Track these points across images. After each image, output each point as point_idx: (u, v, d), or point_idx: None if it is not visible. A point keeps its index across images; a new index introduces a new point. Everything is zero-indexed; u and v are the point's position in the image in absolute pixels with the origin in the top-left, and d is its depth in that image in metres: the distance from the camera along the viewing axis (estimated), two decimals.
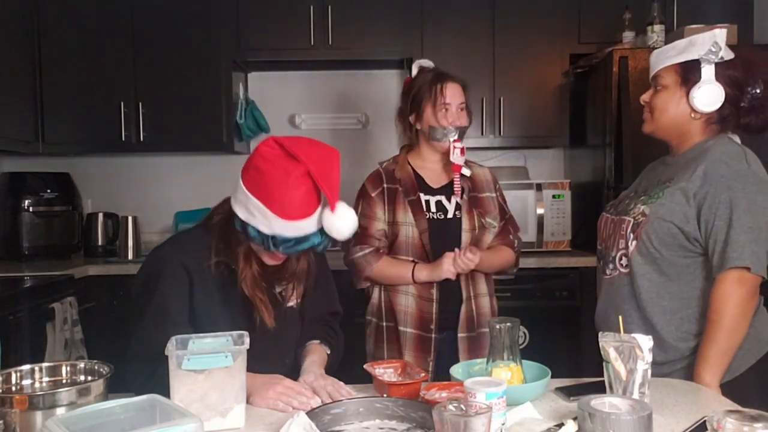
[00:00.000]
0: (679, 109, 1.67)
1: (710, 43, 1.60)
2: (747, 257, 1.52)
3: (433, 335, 2.03)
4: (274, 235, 1.36)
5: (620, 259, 1.71)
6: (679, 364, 1.63)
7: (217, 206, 1.56)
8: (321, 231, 1.38)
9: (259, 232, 1.38)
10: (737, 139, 1.70)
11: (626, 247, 1.68)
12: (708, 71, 1.61)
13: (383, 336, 2.08)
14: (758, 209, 1.55)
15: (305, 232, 1.37)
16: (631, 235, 1.67)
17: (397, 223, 2.04)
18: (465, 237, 2.05)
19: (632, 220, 1.68)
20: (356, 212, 2.05)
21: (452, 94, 2.03)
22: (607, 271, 1.76)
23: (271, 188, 1.34)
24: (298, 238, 1.37)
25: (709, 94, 1.62)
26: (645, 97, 1.75)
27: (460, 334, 2.05)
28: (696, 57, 1.62)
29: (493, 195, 2.15)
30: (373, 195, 2.07)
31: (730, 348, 1.54)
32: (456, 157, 2.02)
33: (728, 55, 1.63)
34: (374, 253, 2.03)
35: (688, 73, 1.64)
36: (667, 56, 1.69)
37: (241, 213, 1.40)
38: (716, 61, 1.61)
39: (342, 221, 1.37)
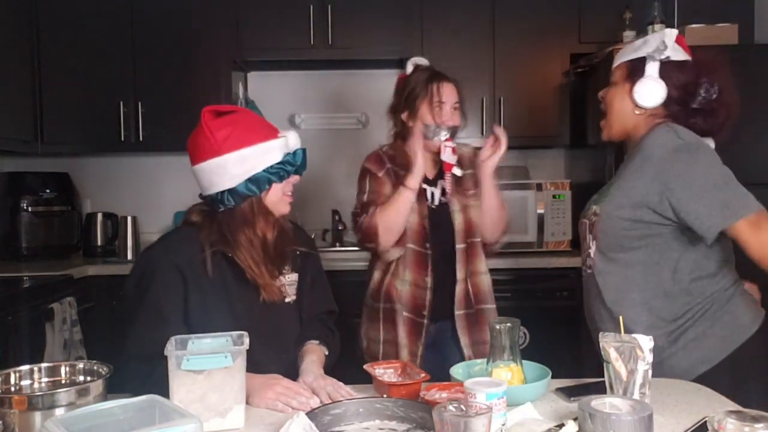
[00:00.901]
0: (623, 103, 1.71)
1: (658, 41, 1.63)
2: (740, 208, 1.51)
3: (425, 321, 2.04)
4: (267, 167, 1.44)
5: (587, 259, 1.74)
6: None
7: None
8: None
9: (251, 177, 1.44)
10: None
11: (591, 248, 1.71)
12: (652, 68, 1.65)
13: (379, 316, 2.07)
14: (711, 168, 1.56)
15: (283, 150, 1.47)
16: (590, 236, 1.70)
17: None
18: (457, 218, 2.07)
19: (588, 221, 1.72)
20: (362, 192, 2.05)
21: (448, 93, 2.05)
22: (583, 272, 1.79)
23: (237, 133, 1.44)
24: (286, 161, 1.47)
25: (648, 90, 1.64)
26: (601, 92, 1.80)
27: (457, 312, 2.06)
28: (644, 54, 1.66)
29: (473, 172, 2.14)
30: (380, 175, 2.06)
31: None
32: (447, 156, 2.03)
33: (676, 55, 1.65)
34: (374, 209, 1.99)
35: (634, 69, 1.68)
36: (623, 54, 1.74)
37: (227, 183, 1.44)
38: (660, 59, 1.63)
39: (290, 134, 1.51)
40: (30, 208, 3.38)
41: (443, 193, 2.10)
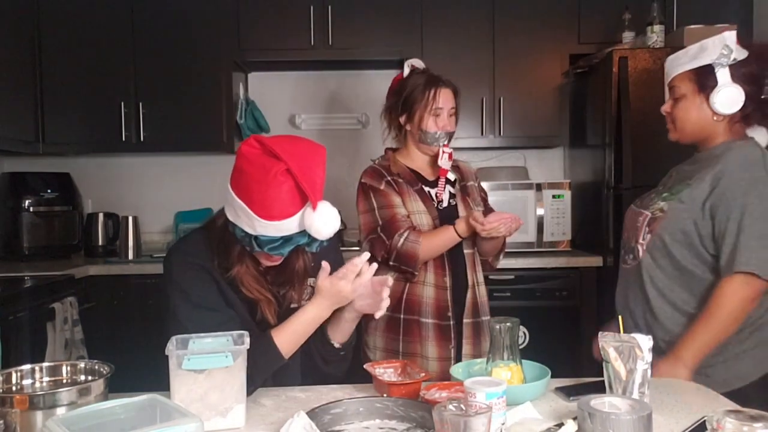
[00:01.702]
0: (701, 114, 1.69)
1: (721, 46, 1.61)
2: (755, 263, 1.53)
3: (451, 323, 2.04)
4: (257, 235, 1.35)
5: (634, 250, 1.74)
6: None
7: (222, 208, 1.56)
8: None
9: (244, 232, 1.37)
10: (764, 139, 1.71)
11: (641, 240, 1.72)
12: (723, 74, 1.63)
13: (399, 328, 2.06)
14: None
15: (288, 232, 1.34)
16: (646, 229, 1.71)
17: (409, 213, 2.04)
18: None
19: (650, 214, 1.72)
20: (368, 210, 2.04)
21: (445, 99, 2.06)
22: (628, 261, 1.79)
23: (251, 188, 1.31)
24: (282, 237, 1.35)
25: (728, 97, 1.63)
26: (666, 108, 1.77)
27: (465, 320, 2.06)
28: (709, 62, 1.64)
29: (475, 184, 2.20)
30: (381, 187, 2.06)
31: (718, 339, 1.57)
32: (444, 162, 2.05)
33: (741, 55, 1.63)
34: (413, 232, 2.00)
35: (704, 78, 1.66)
36: (680, 63, 1.70)
37: (229, 214, 1.40)
38: (729, 63, 1.62)
39: (320, 220, 1.30)
40: (31, 208, 3.39)
41: (452, 195, 2.12)
